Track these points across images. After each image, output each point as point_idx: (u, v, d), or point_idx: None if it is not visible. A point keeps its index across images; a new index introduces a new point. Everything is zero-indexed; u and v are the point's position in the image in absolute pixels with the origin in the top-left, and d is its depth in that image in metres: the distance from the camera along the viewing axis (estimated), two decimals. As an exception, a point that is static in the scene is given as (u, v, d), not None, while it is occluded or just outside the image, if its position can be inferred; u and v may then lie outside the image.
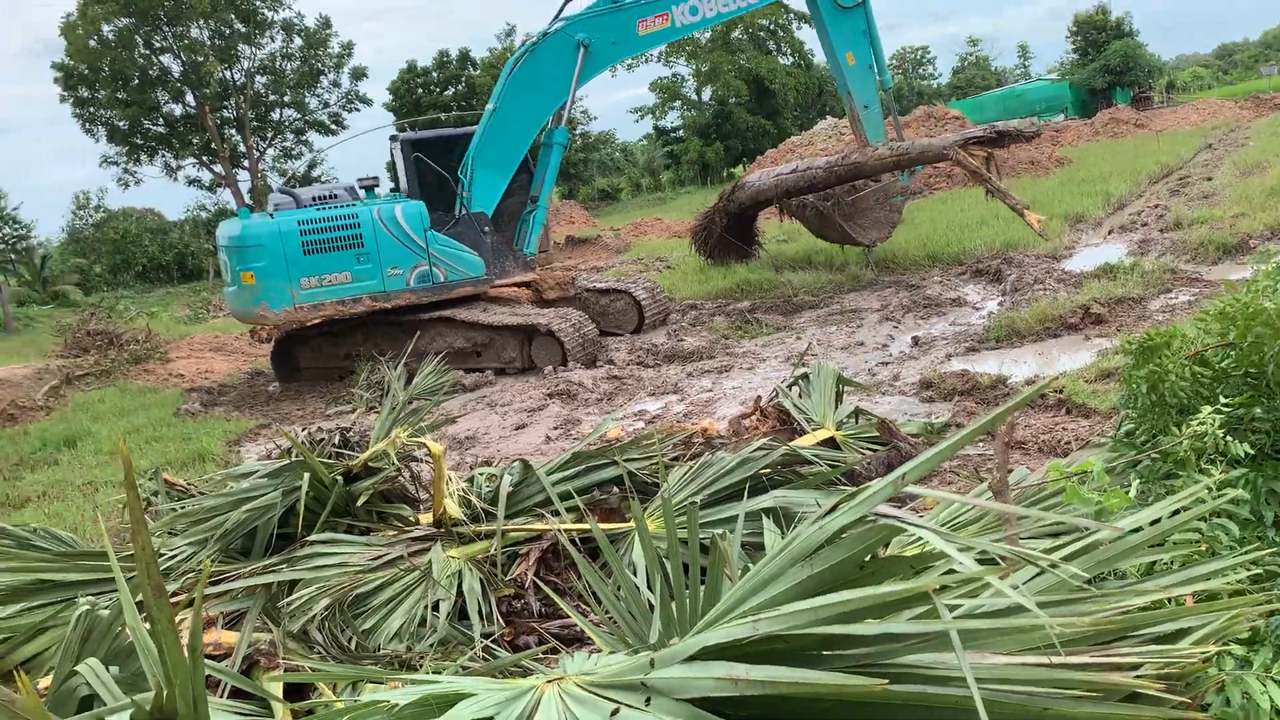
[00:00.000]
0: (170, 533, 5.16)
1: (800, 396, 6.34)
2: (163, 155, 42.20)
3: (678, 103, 67.16)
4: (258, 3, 39.79)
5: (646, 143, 69.70)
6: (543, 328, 11.40)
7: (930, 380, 8.12)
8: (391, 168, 13.71)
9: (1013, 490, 3.47)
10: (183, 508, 6.62)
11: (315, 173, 44.74)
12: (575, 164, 51.48)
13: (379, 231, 11.81)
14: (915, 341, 10.12)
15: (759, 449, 4.99)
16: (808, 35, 65.48)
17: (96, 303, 19.79)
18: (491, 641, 4.16)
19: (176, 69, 40.31)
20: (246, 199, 41.45)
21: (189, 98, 41.14)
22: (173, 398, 12.97)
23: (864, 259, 14.69)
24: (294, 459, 5.04)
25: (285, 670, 3.82)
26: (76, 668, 3.27)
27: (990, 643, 1.97)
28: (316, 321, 12.42)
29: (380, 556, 4.51)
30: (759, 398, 6.31)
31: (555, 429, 8.83)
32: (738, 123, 61.23)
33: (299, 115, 43.49)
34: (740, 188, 16.33)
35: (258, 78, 42.19)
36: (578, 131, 54.16)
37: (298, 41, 42.43)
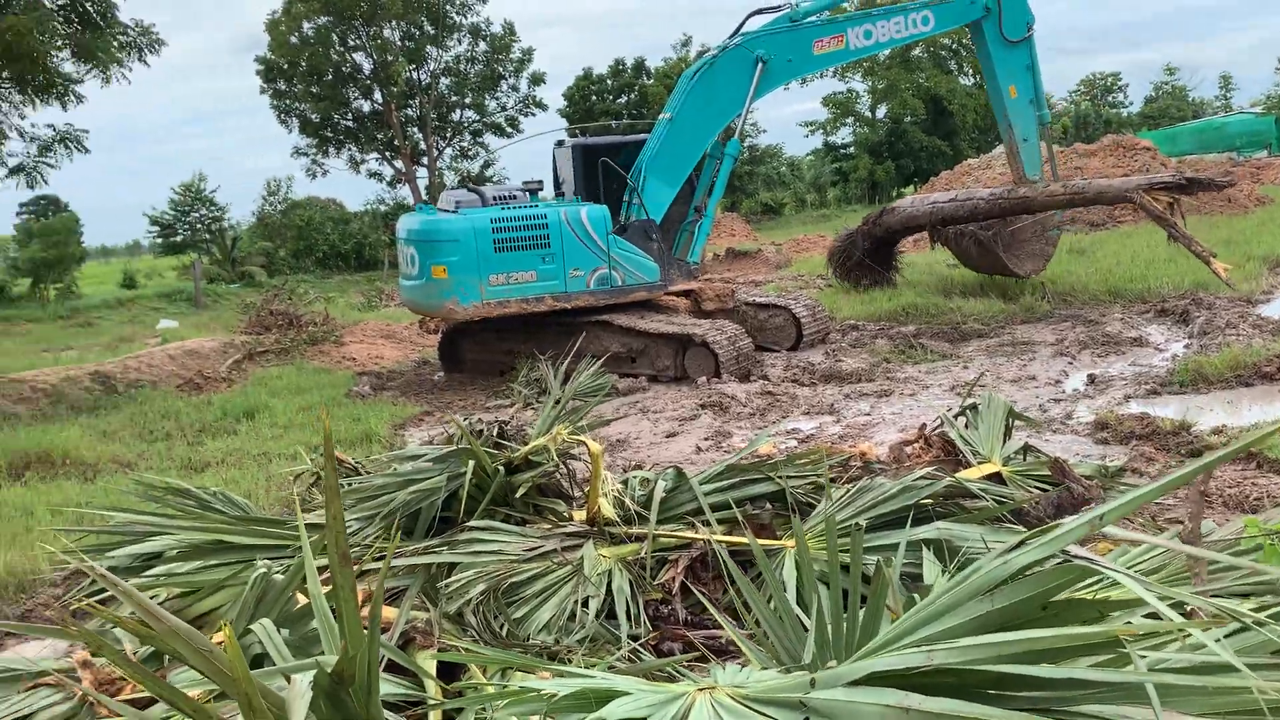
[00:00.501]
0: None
1: (967, 427, 6.15)
2: (349, 149, 44.38)
3: (850, 119, 66.33)
4: (448, 6, 41.37)
5: (814, 158, 68.99)
6: (698, 338, 11.42)
7: (1106, 421, 7.72)
8: (554, 171, 13.94)
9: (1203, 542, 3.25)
10: (351, 484, 6.94)
11: (488, 173, 46.16)
12: (740, 176, 51.43)
13: (565, 233, 12.05)
14: (1091, 379, 9.66)
15: (922, 478, 4.85)
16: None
17: (280, 284, 20.91)
18: (638, 644, 4.19)
19: (368, 67, 42.34)
20: (424, 195, 43.15)
21: (377, 95, 43.13)
22: (344, 379, 13.60)
23: (1040, 290, 14.13)
24: (460, 446, 5.18)
25: (440, 650, 3.92)
26: (250, 626, 3.45)
27: (1182, 701, 1.84)
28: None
29: (535, 548, 4.59)
30: (924, 425, 6.14)
31: (706, 440, 8.82)
32: (911, 142, 59.96)
33: (478, 117, 45.01)
34: (890, 212, 16.25)
35: (442, 79, 43.88)
36: (745, 144, 54.08)
37: (482, 46, 43.95)
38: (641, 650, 4.14)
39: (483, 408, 11.21)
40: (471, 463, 4.88)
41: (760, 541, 4.87)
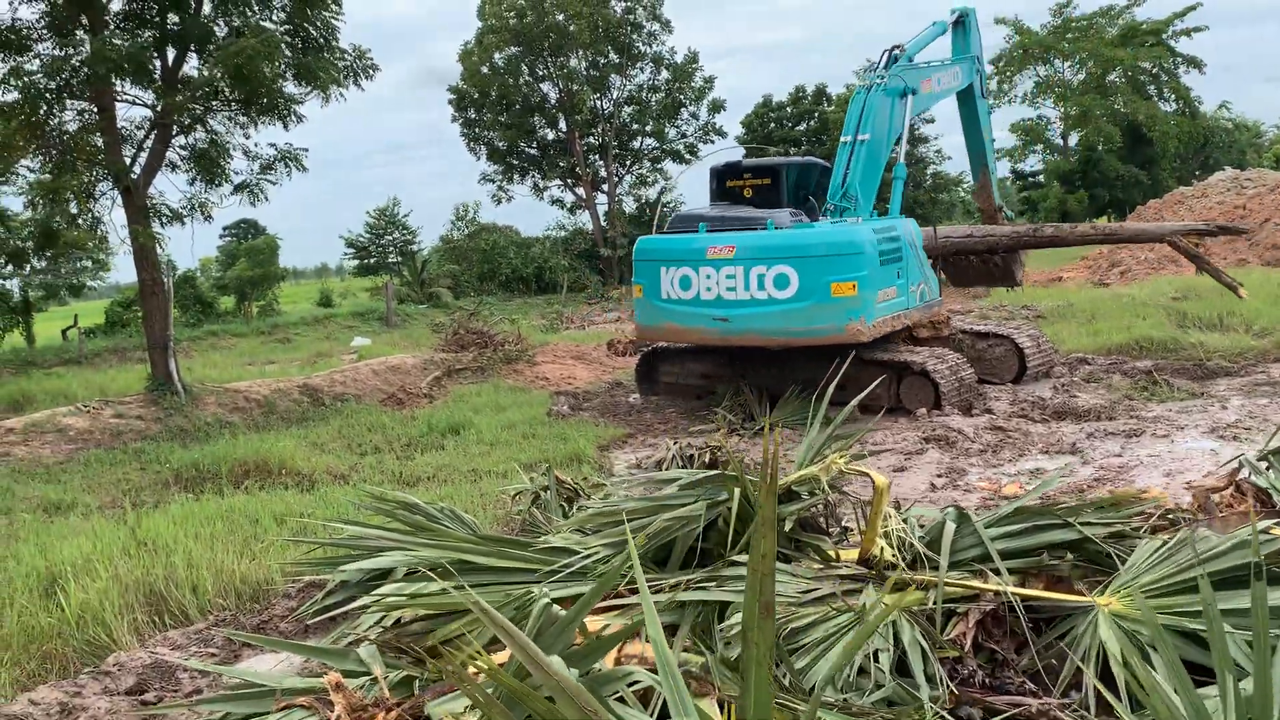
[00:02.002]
0: (580, 531, 5.07)
1: (1272, 474, 5.35)
2: (532, 176, 45.33)
3: (1039, 146, 63.52)
4: (634, 36, 41.84)
5: (1005, 184, 66.43)
6: (916, 366, 10.74)
7: None
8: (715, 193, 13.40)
9: None
10: (586, 507, 6.64)
11: (665, 199, 46.26)
12: (923, 204, 49.90)
13: (907, 248, 11.48)
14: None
15: (1263, 531, 4.14)
16: (1194, 81, 59.96)
17: (475, 305, 21.27)
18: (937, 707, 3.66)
19: (554, 96, 43.21)
20: (603, 222, 43.62)
21: (561, 124, 43.93)
22: (541, 398, 13.53)
23: (1295, 326, 12.80)
24: (723, 471, 4.77)
25: (720, 699, 3.49)
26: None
27: None
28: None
29: (811, 590, 4.13)
30: (1234, 470, 5.36)
31: (939, 477, 8.17)
32: (1106, 171, 56.84)
33: (658, 144, 45.24)
34: None
35: (625, 107, 44.33)
36: (929, 171, 52.52)
37: (664, 74, 44.21)
38: (947, 716, 3.62)
39: (686, 432, 10.83)
40: (738, 490, 4.45)
41: (1062, 596, 4.27)
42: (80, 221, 13.98)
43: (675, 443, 9.40)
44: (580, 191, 44.71)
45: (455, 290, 38.69)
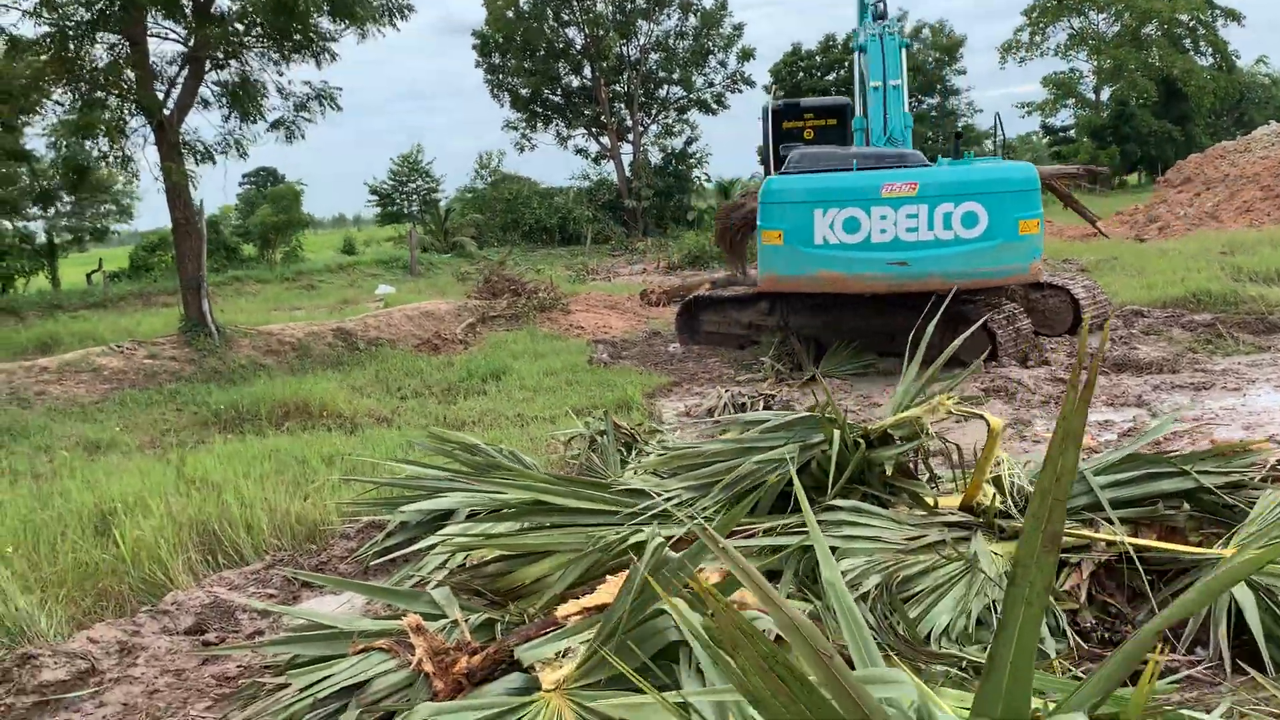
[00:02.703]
0: (656, 474, 4.84)
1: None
2: (556, 124, 44.77)
3: (1071, 100, 62.32)
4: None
5: (1018, 141, 65.35)
6: (973, 316, 10.42)
7: None
8: (772, 135, 12.98)
9: None
10: (646, 453, 6.42)
11: (691, 150, 45.70)
12: (949, 156, 49.06)
13: None
14: None
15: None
16: (1233, 34, 58.69)
17: (504, 254, 20.98)
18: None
19: (579, 42, 42.52)
20: (627, 172, 43.09)
21: (586, 71, 43.28)
22: (579, 346, 13.29)
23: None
24: (821, 413, 4.52)
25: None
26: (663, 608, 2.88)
27: None
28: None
29: (917, 537, 3.90)
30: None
31: (1006, 428, 7.89)
32: (1139, 126, 55.73)
33: (685, 93, 44.54)
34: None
35: (651, 54, 43.60)
36: (959, 124, 51.67)
37: (693, 20, 43.38)
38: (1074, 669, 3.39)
39: (731, 380, 10.58)
40: (837, 433, 4.20)
41: (1183, 548, 4.02)
42: (111, 159, 13.70)
43: (726, 390, 9.18)
44: (605, 141, 44.14)
45: (479, 240, 38.39)
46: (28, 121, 18.91)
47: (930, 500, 4.38)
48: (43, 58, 13.11)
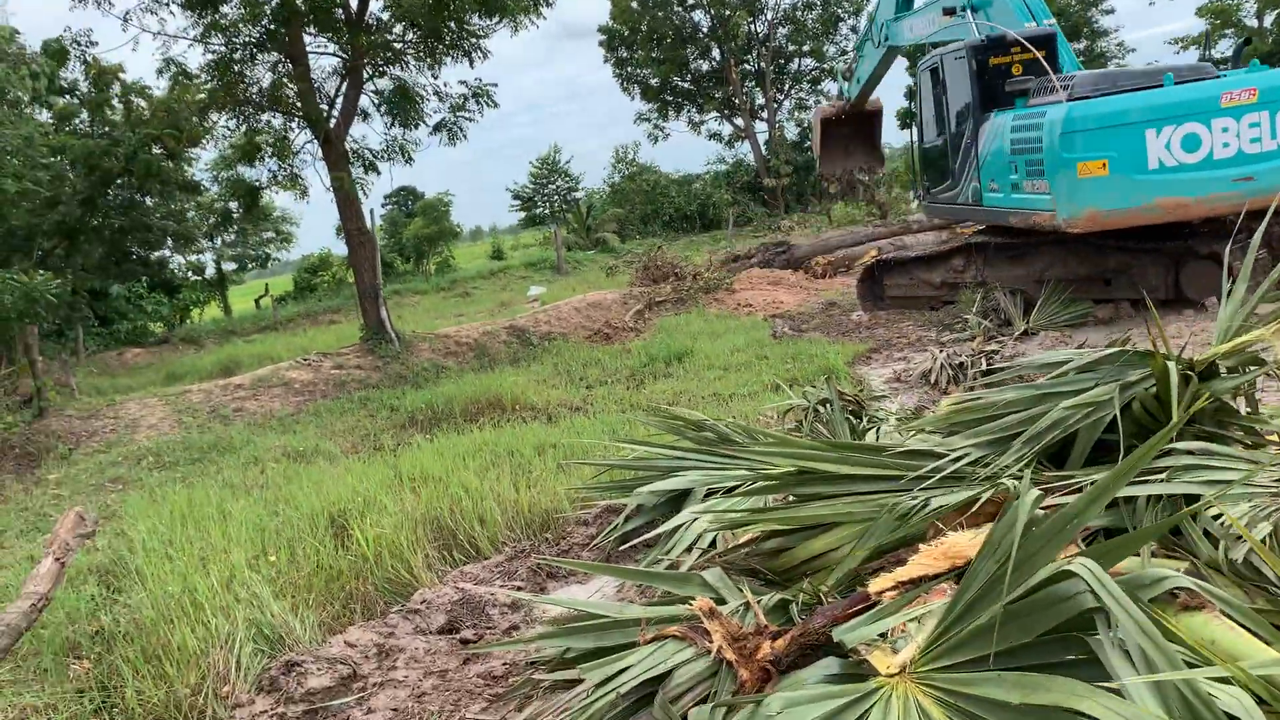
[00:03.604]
0: (933, 432, 4.35)
1: None
2: (688, 110, 44.32)
3: (1230, 30, 58.07)
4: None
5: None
6: (1202, 250, 9.50)
7: None
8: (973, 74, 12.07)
9: None
10: (878, 419, 5.94)
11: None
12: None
13: None
14: None
15: None
16: None
17: (653, 245, 20.67)
18: None
19: (705, 24, 41.97)
20: (764, 151, 42.31)
21: (715, 53, 42.69)
22: (755, 323, 12.85)
23: None
24: (1129, 349, 3.95)
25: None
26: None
27: None
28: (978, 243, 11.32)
29: (1286, 479, 3.30)
30: None
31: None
32: (1310, 52, 51.49)
33: (817, 64, 43.45)
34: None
35: (780, 28, 42.68)
36: (1110, 64, 48.71)
37: (819, -11, 42.28)
38: None
39: (934, 343, 9.94)
40: (1172, 366, 3.62)
41: None
42: (280, 177, 13.99)
43: (941, 351, 8.58)
44: (739, 121, 43.44)
45: (621, 234, 38.33)
46: (195, 156, 19.64)
47: (1266, 439, 3.77)
48: (209, 85, 13.45)
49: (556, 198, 44.33)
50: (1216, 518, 3.08)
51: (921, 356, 9.03)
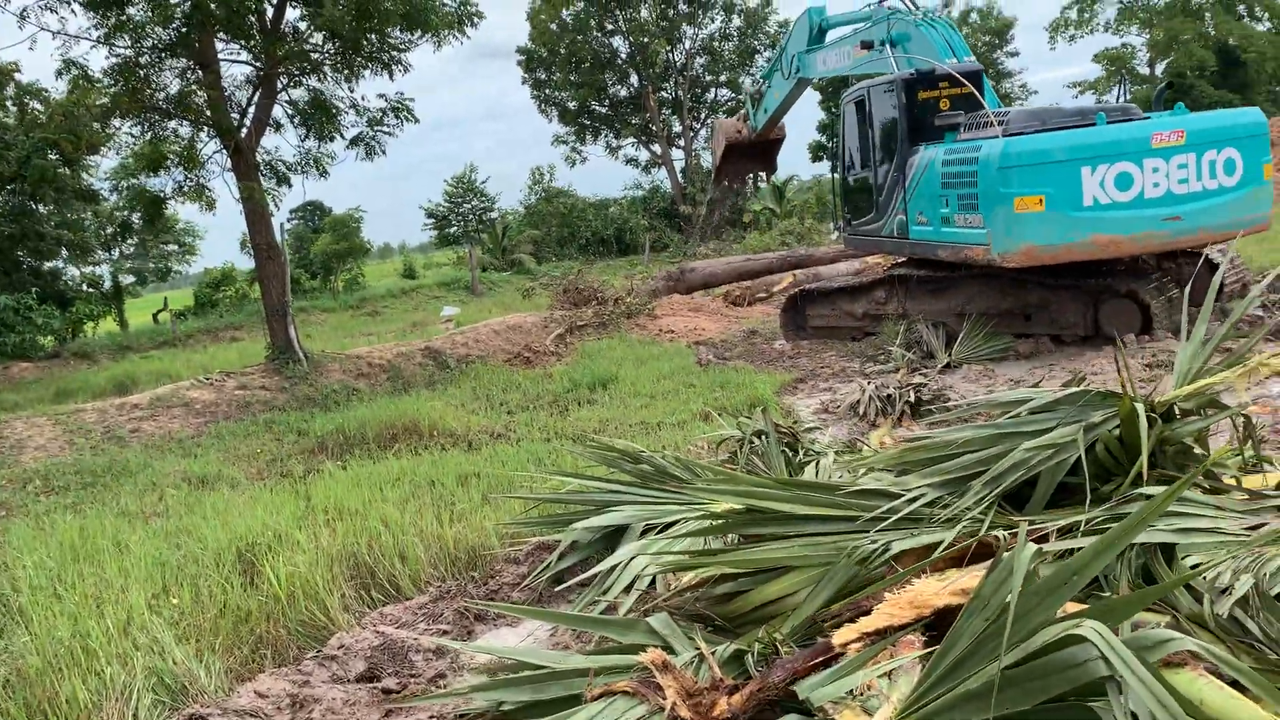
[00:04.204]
0: (889, 471, 4.20)
1: None
2: (605, 135, 44.32)
3: (1125, 76, 60.61)
4: (704, -18, 40.53)
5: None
6: (1120, 288, 9.67)
7: None
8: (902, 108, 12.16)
9: None
10: (814, 453, 5.79)
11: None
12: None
13: None
14: None
15: None
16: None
17: (573, 267, 20.45)
18: None
19: (624, 50, 42.08)
20: (680, 179, 42.51)
21: (633, 78, 42.82)
22: (679, 350, 12.71)
23: None
24: (1087, 389, 3.86)
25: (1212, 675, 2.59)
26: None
27: None
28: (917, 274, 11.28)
29: (1256, 526, 3.22)
30: None
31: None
32: (1199, 98, 53.95)
33: (733, 95, 43.86)
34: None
35: (697, 58, 43.03)
36: (1015, 104, 50.34)
37: (736, 21, 42.76)
38: None
39: (858, 374, 9.90)
40: (1138, 408, 3.52)
41: None
42: (185, 188, 13.37)
43: (869, 383, 8.51)
44: (656, 148, 43.60)
45: (537, 255, 38.00)
46: (95, 163, 18.75)
47: (1235, 480, 3.70)
48: (112, 89, 12.82)
49: (472, 217, 43.79)
50: (1193, 568, 2.97)
51: (848, 387, 8.97)
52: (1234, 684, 2.30)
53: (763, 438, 6.26)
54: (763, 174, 19.37)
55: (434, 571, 5.16)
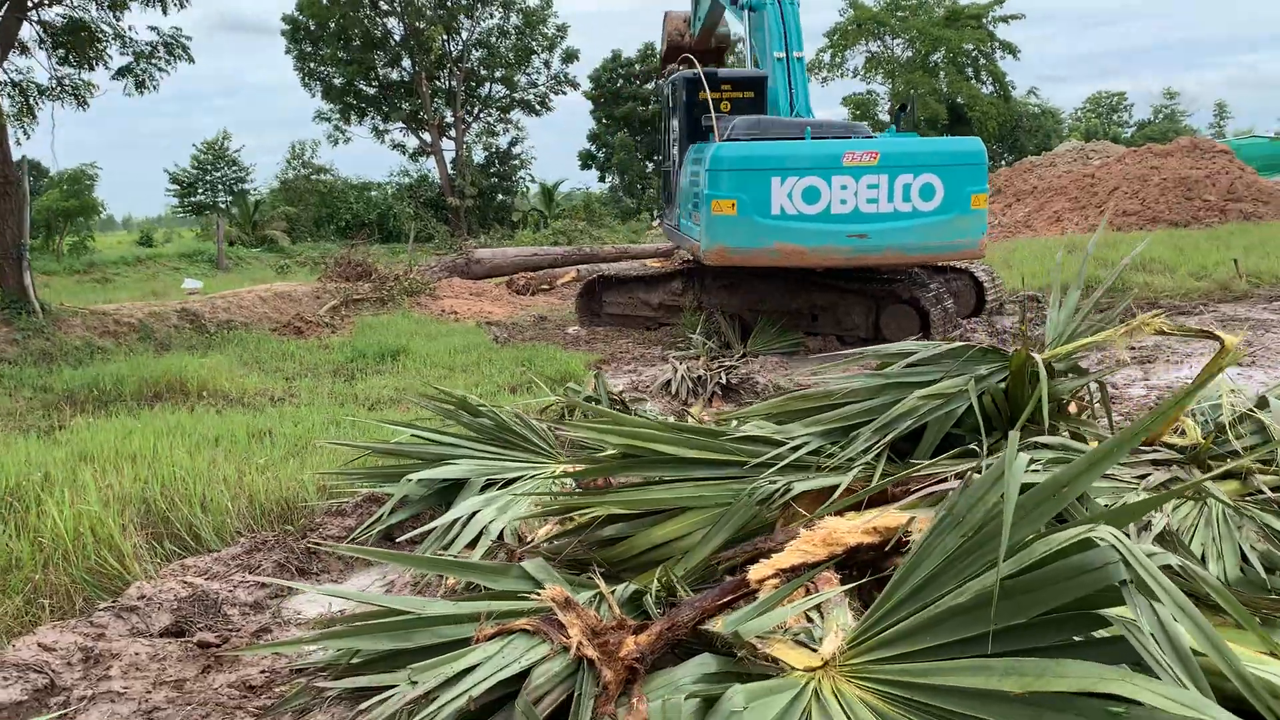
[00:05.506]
0: (776, 420, 4.09)
1: None
2: (372, 117, 42.70)
3: (868, 122, 65.27)
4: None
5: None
6: (901, 294, 10.19)
7: None
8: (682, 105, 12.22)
9: None
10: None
11: (515, 150, 44.73)
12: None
13: None
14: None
15: None
16: (1009, 65, 63.56)
17: (351, 244, 19.38)
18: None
19: (398, 32, 40.75)
20: (450, 169, 41.61)
21: (406, 63, 41.53)
22: (466, 329, 12.27)
23: (1234, 269, 13.04)
24: (971, 345, 3.90)
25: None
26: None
27: None
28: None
29: (1143, 476, 3.34)
30: None
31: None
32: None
33: (507, 92, 43.47)
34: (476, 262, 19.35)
35: (474, 51, 42.32)
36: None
37: (515, 19, 42.43)
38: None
39: (659, 359, 9.89)
40: (1027, 359, 3.58)
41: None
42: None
43: (680, 364, 8.49)
44: (426, 136, 42.46)
45: (291, 233, 36.00)
46: None
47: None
48: None
49: (221, 187, 40.89)
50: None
51: (653, 370, 8.94)
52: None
53: (595, 405, 6.07)
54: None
55: (241, 523, 4.59)
